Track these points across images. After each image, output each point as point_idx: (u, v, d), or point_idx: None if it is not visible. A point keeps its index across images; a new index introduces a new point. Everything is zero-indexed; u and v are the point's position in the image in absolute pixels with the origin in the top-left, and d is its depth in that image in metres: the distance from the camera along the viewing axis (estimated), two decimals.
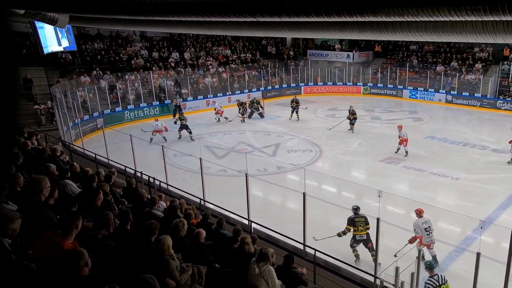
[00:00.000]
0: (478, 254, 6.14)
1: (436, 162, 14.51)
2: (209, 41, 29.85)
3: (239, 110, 21.89)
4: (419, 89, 27.30)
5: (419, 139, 17.39)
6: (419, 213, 8.33)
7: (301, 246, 7.80)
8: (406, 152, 15.19)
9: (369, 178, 13.33)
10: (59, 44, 18.47)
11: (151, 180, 10.55)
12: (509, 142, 14.26)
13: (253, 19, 7.68)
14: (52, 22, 14.06)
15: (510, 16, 5.10)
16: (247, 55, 30.67)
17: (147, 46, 26.49)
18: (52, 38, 17.59)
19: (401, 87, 28.07)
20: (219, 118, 21.51)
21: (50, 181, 4.70)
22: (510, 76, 24.81)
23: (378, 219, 6.82)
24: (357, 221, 8.55)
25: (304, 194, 7.86)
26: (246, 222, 8.61)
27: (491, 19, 5.46)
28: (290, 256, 6.08)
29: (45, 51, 17.07)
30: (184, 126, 17.88)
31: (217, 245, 5.88)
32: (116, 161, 12.03)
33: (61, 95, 16.87)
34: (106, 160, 12.49)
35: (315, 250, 7.30)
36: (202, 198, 9.67)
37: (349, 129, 19.02)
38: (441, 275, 6.33)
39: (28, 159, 7.31)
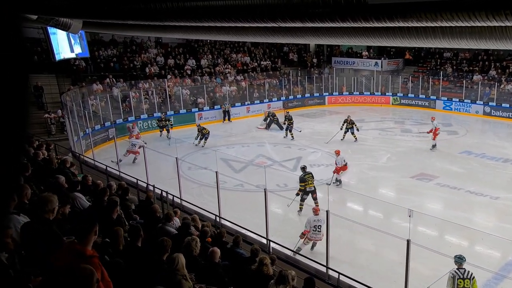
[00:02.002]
0: None
1: (473, 180, 14.19)
2: (228, 48, 30.14)
3: (198, 136, 19.10)
4: (454, 99, 26.85)
5: (454, 154, 17.08)
6: (316, 211, 9.37)
7: (323, 269, 7.71)
8: (338, 181, 13.85)
9: (398, 196, 13.12)
10: (72, 51, 18.96)
11: (164, 194, 10.63)
12: (428, 132, 17.67)
13: (274, 25, 7.72)
14: (65, 28, 14.48)
15: None
16: (268, 62, 30.83)
17: (163, 53, 26.91)
18: (65, 45, 18.08)
19: (434, 97, 27.67)
20: (134, 159, 15.97)
21: (59, 194, 4.78)
22: None
23: (408, 241, 6.69)
24: (307, 177, 11.20)
25: (327, 212, 7.80)
26: (264, 241, 8.57)
27: None
28: (311, 279, 5.99)
29: (57, 57, 17.53)
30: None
31: (233, 265, 5.86)
32: (127, 173, 12.19)
33: (72, 103, 17.26)
34: (117, 173, 12.66)
35: (339, 273, 7.21)
36: (218, 215, 9.67)
37: (341, 139, 19.00)
38: (469, 271, 6.47)
39: (37, 170, 7.48)
